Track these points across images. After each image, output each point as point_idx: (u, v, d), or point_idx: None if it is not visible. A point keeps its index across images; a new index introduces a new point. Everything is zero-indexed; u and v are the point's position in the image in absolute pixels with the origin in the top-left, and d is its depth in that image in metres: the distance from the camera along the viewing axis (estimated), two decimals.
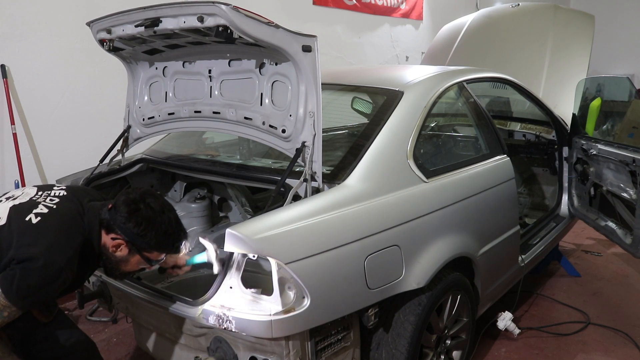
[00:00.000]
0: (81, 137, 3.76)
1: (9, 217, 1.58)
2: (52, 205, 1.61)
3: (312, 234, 1.70)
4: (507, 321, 2.72)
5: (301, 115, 1.93)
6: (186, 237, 1.76)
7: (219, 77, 2.21)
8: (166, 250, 1.69)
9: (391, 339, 2.02)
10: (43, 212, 1.58)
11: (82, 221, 1.62)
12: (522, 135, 3.69)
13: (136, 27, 2.00)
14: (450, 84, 2.47)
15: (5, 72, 3.38)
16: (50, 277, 1.48)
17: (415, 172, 2.09)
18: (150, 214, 1.60)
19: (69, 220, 1.59)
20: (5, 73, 3.37)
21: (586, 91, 3.41)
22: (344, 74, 2.84)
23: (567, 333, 2.95)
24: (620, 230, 2.88)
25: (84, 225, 1.61)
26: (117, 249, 1.64)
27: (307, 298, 1.63)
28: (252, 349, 1.73)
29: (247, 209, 2.73)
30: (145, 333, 2.21)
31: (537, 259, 3.09)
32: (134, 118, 2.52)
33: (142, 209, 1.60)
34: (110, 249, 1.64)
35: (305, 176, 1.86)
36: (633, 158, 2.58)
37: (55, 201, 1.64)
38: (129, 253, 1.65)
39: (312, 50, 1.83)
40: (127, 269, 1.71)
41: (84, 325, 3.04)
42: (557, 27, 3.83)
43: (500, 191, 2.52)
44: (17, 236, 1.52)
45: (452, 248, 2.15)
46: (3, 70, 3.36)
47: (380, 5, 6.47)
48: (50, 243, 1.50)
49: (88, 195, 1.77)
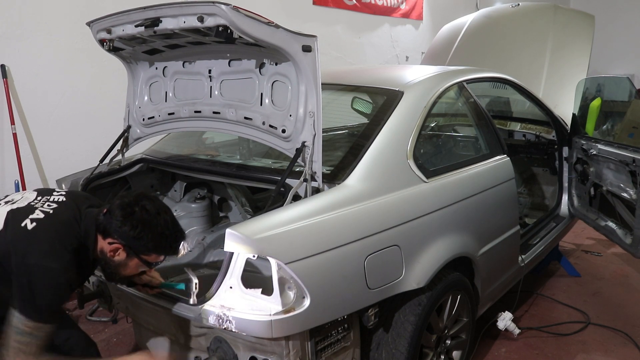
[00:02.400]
0: (81, 137, 3.77)
1: (5, 221, 1.57)
2: (49, 211, 1.61)
3: (312, 233, 1.70)
4: (507, 321, 2.72)
5: (301, 115, 1.93)
6: (184, 238, 1.75)
7: (219, 77, 2.21)
8: (164, 252, 1.68)
9: (391, 339, 2.02)
10: (39, 218, 1.57)
11: (79, 227, 1.61)
12: (522, 135, 3.69)
13: (136, 27, 2.00)
14: (450, 84, 2.47)
15: (5, 72, 3.38)
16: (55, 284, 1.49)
17: (415, 172, 2.09)
18: (146, 217, 1.59)
19: (64, 226, 1.58)
20: (5, 73, 3.37)
21: (586, 91, 3.41)
22: (344, 74, 2.84)
23: (567, 333, 2.95)
24: (620, 230, 2.88)
25: (80, 231, 1.61)
26: (115, 253, 1.63)
27: (307, 298, 1.62)
28: (252, 349, 1.73)
29: (247, 209, 2.73)
30: (145, 333, 2.21)
31: (537, 258, 3.09)
32: (134, 118, 2.52)
33: (137, 212, 1.59)
34: (108, 254, 1.63)
35: (305, 176, 1.86)
36: (633, 158, 2.58)
37: (53, 207, 1.63)
38: (127, 257, 1.64)
39: (312, 50, 1.82)
40: (127, 272, 1.70)
41: (84, 325, 3.03)
42: (557, 27, 3.83)
43: (500, 191, 2.52)
44: (12, 242, 1.52)
45: (452, 248, 2.14)
46: (3, 70, 3.37)
47: (380, 5, 6.47)
48: (44, 251, 1.50)
49: (88, 201, 1.76)
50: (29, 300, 1.45)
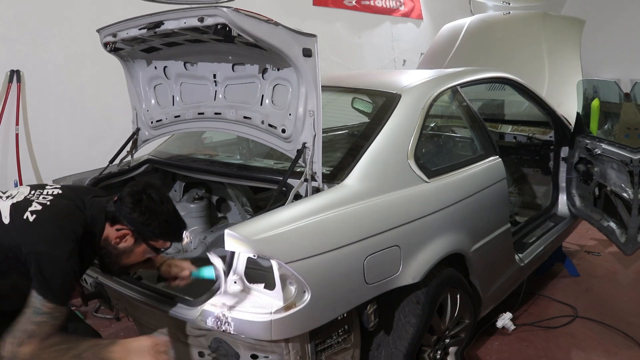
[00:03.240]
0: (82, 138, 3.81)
1: (11, 215, 1.63)
2: (46, 202, 1.66)
3: (312, 233, 1.71)
4: (506, 320, 2.80)
5: (301, 115, 1.94)
6: (185, 227, 1.81)
7: (224, 82, 2.23)
8: (170, 238, 1.75)
9: (392, 341, 2.02)
10: (37, 209, 1.62)
11: (84, 214, 1.67)
12: (512, 137, 3.70)
13: (139, 30, 2.03)
14: (444, 87, 2.49)
15: (20, 77, 3.45)
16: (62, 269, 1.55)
17: (416, 172, 2.10)
18: (152, 205, 1.67)
19: (65, 214, 1.64)
20: (19, 78, 3.45)
21: (585, 91, 3.39)
22: (343, 77, 2.86)
23: (556, 326, 3.02)
24: (618, 230, 2.89)
25: (86, 218, 1.66)
26: (122, 239, 1.68)
27: (308, 292, 1.63)
28: (252, 349, 1.74)
29: (248, 208, 2.73)
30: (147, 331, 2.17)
31: (538, 259, 3.07)
32: (142, 121, 2.56)
33: (144, 200, 1.66)
34: (113, 241, 1.68)
35: (306, 176, 1.89)
36: (631, 158, 2.60)
37: (49, 198, 1.68)
38: (135, 243, 1.69)
39: (312, 55, 1.84)
40: (130, 261, 1.74)
41: (91, 320, 3.08)
42: (547, 33, 3.83)
43: (492, 191, 2.54)
44: (20, 235, 1.58)
45: (445, 245, 2.16)
46: (18, 75, 3.44)
47: (379, 7, 6.49)
48: (48, 239, 1.56)
49: (91, 192, 1.82)
50: (45, 284, 1.52)
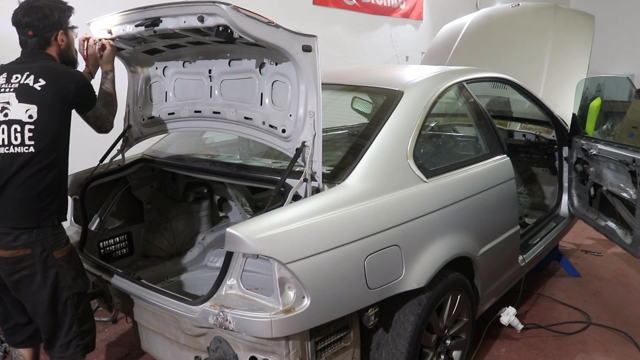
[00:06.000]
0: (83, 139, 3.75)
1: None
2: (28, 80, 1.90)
3: (312, 233, 1.71)
4: (511, 316, 2.68)
5: (301, 115, 1.93)
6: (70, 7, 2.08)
7: (219, 77, 2.21)
8: (68, 14, 2.02)
9: (391, 338, 2.02)
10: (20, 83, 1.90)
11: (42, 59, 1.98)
12: (522, 135, 3.68)
13: (136, 27, 2.01)
14: (450, 83, 2.46)
15: None
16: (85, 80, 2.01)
17: (415, 172, 2.09)
18: (40, 5, 1.96)
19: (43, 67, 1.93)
20: None
21: (586, 91, 3.40)
22: (344, 74, 2.84)
23: (568, 332, 2.95)
24: (620, 230, 2.88)
25: (48, 56, 2.00)
26: (61, 41, 2.01)
27: (307, 298, 1.63)
28: (252, 349, 1.73)
29: (247, 208, 2.74)
30: (145, 333, 2.21)
31: (537, 258, 3.08)
32: (134, 118, 2.52)
33: (35, 6, 1.96)
34: (61, 47, 2.02)
35: (305, 176, 1.86)
36: (633, 158, 2.58)
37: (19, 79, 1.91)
38: (65, 35, 2.02)
39: (312, 50, 1.82)
40: (75, 50, 2.11)
41: None
42: (557, 27, 3.81)
43: (500, 191, 2.52)
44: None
45: (451, 248, 2.14)
46: None
47: (380, 6, 6.47)
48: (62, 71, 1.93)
49: None
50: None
